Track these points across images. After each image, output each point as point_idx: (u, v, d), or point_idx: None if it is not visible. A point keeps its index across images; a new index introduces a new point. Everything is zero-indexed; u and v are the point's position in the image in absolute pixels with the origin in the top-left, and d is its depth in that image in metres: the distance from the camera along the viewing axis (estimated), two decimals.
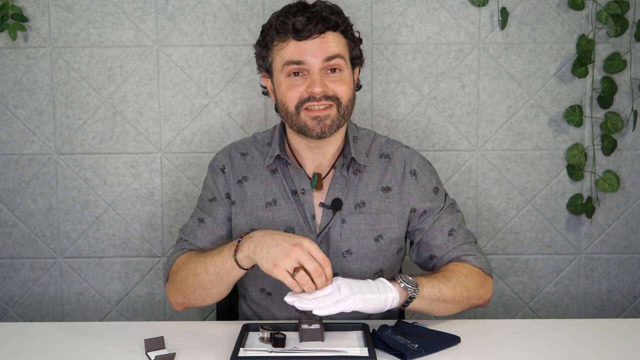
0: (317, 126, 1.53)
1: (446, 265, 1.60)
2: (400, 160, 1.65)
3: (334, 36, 1.54)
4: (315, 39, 1.52)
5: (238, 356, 1.32)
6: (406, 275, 1.45)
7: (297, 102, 1.54)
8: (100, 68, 2.14)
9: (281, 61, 1.55)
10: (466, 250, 1.62)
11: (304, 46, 1.52)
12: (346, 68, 1.56)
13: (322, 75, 1.53)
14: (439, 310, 1.53)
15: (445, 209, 1.64)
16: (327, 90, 1.52)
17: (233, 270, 1.46)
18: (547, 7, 2.12)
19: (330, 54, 1.52)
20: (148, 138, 2.17)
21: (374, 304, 1.39)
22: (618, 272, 2.24)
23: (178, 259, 1.61)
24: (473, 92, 2.15)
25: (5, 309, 2.24)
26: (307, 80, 1.53)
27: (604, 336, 1.46)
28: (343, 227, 1.60)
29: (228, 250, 1.46)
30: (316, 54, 1.52)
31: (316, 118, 1.53)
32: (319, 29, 1.52)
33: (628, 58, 2.12)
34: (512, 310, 2.25)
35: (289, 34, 1.52)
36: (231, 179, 1.66)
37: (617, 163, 2.18)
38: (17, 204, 2.19)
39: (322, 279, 1.35)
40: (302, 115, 1.54)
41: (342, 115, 1.55)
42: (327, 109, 1.53)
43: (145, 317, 2.24)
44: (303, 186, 1.60)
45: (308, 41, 1.52)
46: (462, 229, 1.65)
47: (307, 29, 1.51)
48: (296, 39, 1.52)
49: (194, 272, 1.52)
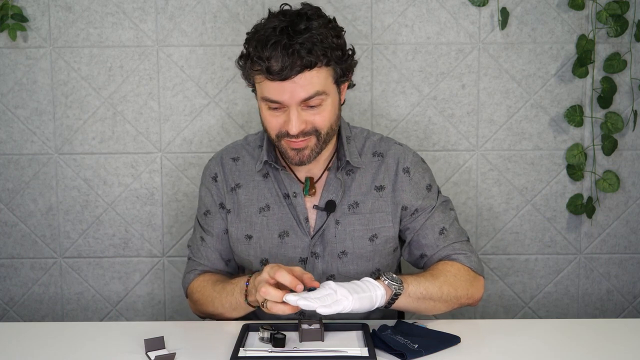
0: (296, 156, 1.53)
1: (435, 264, 1.60)
2: (393, 158, 1.64)
3: (314, 73, 1.44)
4: (292, 78, 1.42)
5: (238, 356, 1.32)
6: (390, 273, 1.45)
7: (276, 132, 1.51)
8: (100, 68, 2.14)
9: (259, 92, 1.49)
10: (457, 249, 1.61)
11: (280, 87, 1.44)
12: (328, 98, 1.49)
13: (301, 109, 1.47)
14: (427, 309, 1.52)
15: (437, 207, 1.63)
16: (305, 127, 1.48)
17: (249, 307, 1.53)
18: (547, 7, 2.12)
19: (308, 94, 1.45)
20: (148, 138, 2.17)
21: (367, 302, 1.38)
22: (618, 272, 2.24)
23: (193, 282, 1.67)
24: (473, 92, 2.15)
25: (5, 309, 2.24)
26: (285, 114, 1.48)
27: (604, 336, 1.46)
28: (337, 228, 1.60)
29: (239, 292, 1.52)
30: (293, 94, 1.44)
31: (295, 149, 1.52)
32: (296, 70, 1.41)
33: (628, 58, 2.12)
34: (512, 310, 2.25)
35: (263, 73, 1.44)
36: (224, 188, 1.66)
37: (617, 163, 2.18)
38: (17, 204, 2.19)
39: (272, 294, 1.35)
40: (282, 144, 1.53)
41: (323, 141, 1.53)
42: (306, 141, 1.51)
43: (145, 317, 2.24)
44: (295, 189, 1.60)
45: (284, 82, 1.43)
46: (454, 227, 1.63)
47: (282, 72, 1.41)
48: (271, 80, 1.44)
49: (211, 303, 1.59)
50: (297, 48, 1.41)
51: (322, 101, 1.48)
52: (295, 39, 1.41)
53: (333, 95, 1.51)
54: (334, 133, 1.56)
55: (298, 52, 1.41)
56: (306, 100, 1.45)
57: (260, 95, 1.50)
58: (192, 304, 1.69)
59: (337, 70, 1.49)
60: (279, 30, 1.43)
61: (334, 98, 1.51)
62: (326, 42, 1.44)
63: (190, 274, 1.69)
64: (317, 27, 1.44)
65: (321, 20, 1.47)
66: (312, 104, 1.47)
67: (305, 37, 1.42)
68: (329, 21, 1.50)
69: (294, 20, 1.45)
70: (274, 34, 1.43)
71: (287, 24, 1.44)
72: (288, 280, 1.35)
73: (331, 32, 1.47)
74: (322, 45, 1.43)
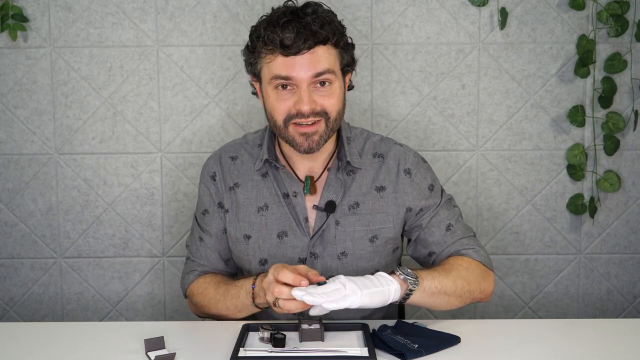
0: (304, 142, 1.52)
1: (445, 259, 1.59)
2: (394, 159, 1.64)
3: (324, 50, 1.49)
4: (304, 54, 1.47)
5: (238, 356, 1.32)
6: (405, 267, 1.44)
7: (285, 116, 1.51)
8: (100, 68, 2.14)
9: (269, 73, 1.51)
10: (465, 244, 1.60)
11: (292, 61, 1.47)
12: (336, 80, 1.52)
13: (311, 89, 1.50)
14: (441, 304, 1.51)
15: (442, 205, 1.63)
16: (315, 107, 1.50)
17: (255, 309, 1.54)
18: (547, 7, 2.12)
19: (319, 70, 1.48)
20: (148, 138, 2.17)
21: (378, 297, 1.37)
22: (618, 272, 2.24)
23: (193, 284, 1.67)
24: (473, 92, 2.15)
25: (5, 309, 2.24)
26: (295, 95, 1.50)
27: (604, 336, 1.46)
28: (337, 229, 1.59)
29: (245, 295, 1.52)
30: (305, 69, 1.48)
31: (304, 134, 1.52)
32: (308, 44, 1.47)
33: (628, 58, 2.12)
34: (512, 310, 2.25)
35: (276, 48, 1.48)
36: (222, 187, 1.66)
37: (617, 163, 2.18)
38: (17, 204, 2.19)
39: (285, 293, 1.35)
40: (290, 130, 1.52)
41: (331, 128, 1.54)
42: (315, 125, 1.51)
43: (145, 317, 2.24)
44: (294, 189, 1.59)
45: (296, 57, 1.47)
46: (459, 224, 1.63)
47: (295, 45, 1.46)
48: (284, 55, 1.48)
49: (215, 306, 1.59)
50: (309, 22, 1.47)
51: (332, 80, 1.51)
52: (305, 16, 1.49)
53: (340, 81, 1.54)
54: (339, 122, 1.57)
55: (310, 27, 1.47)
56: (318, 75, 1.49)
57: (270, 76, 1.51)
58: (192, 306, 1.69)
59: (344, 57, 1.54)
60: (289, 12, 1.50)
61: (340, 84, 1.54)
62: (334, 24, 1.52)
63: (189, 275, 1.68)
64: (323, 11, 1.52)
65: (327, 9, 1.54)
66: (323, 80, 1.50)
67: (315, 15, 1.49)
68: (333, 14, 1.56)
69: (302, 7, 1.52)
70: (284, 15, 1.49)
71: (294, 8, 1.52)
72: (290, 279, 1.34)
73: (336, 19, 1.54)
74: (331, 25, 1.50)
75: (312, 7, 1.52)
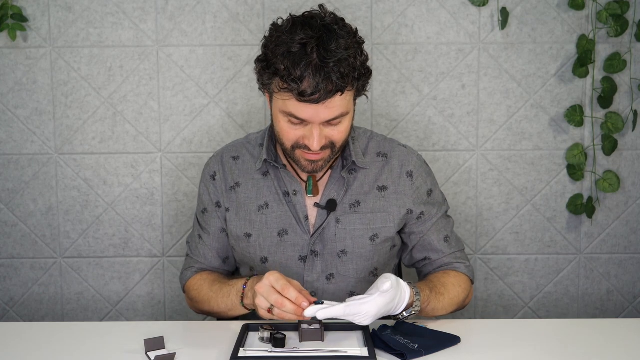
0: (309, 166, 1.53)
1: (446, 277, 1.62)
2: (397, 160, 1.65)
3: (342, 97, 1.44)
4: (321, 102, 1.41)
5: (238, 356, 1.32)
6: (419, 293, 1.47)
7: (292, 143, 1.51)
8: (100, 68, 2.14)
9: (282, 106, 1.46)
10: (459, 257, 1.68)
11: (308, 107, 1.42)
12: (348, 115, 1.50)
13: (322, 127, 1.47)
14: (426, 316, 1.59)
15: (442, 214, 1.68)
16: (324, 143, 1.49)
17: (243, 310, 1.54)
18: (547, 7, 2.12)
19: (333, 116, 1.45)
20: (148, 138, 2.17)
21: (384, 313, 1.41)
22: (618, 272, 2.24)
23: (190, 280, 1.70)
24: (473, 92, 2.15)
25: (5, 309, 2.24)
26: (306, 130, 1.47)
27: (604, 336, 1.46)
28: (338, 227, 1.60)
29: (235, 295, 1.53)
30: (320, 116, 1.44)
31: (309, 160, 1.52)
32: (328, 96, 1.40)
33: (628, 58, 2.12)
34: (512, 310, 2.25)
35: (293, 94, 1.41)
36: (222, 187, 1.66)
37: (617, 163, 2.18)
38: (17, 204, 2.19)
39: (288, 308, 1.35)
40: (296, 153, 1.52)
41: (336, 152, 1.54)
42: (322, 154, 1.52)
43: (145, 317, 2.24)
44: (295, 187, 1.60)
45: (312, 105, 1.42)
46: (454, 236, 1.71)
47: (312, 97, 1.39)
48: (299, 101, 1.42)
49: (207, 303, 1.62)
50: (329, 72, 1.38)
51: (344, 119, 1.49)
52: (327, 60, 1.38)
53: (351, 112, 1.53)
54: (345, 144, 1.58)
55: (330, 77, 1.39)
56: (331, 120, 1.46)
57: (281, 109, 1.47)
58: (189, 301, 1.72)
59: (359, 89, 1.49)
60: (310, 49, 1.39)
61: (352, 114, 1.53)
62: (356, 66, 1.43)
63: (187, 271, 1.71)
64: (345, 46, 1.41)
65: (348, 38, 1.43)
66: (334, 123, 1.48)
67: (337, 59, 1.39)
68: (354, 35, 1.47)
69: (323, 37, 1.41)
70: (304, 52, 1.39)
71: (316, 41, 1.40)
72: (294, 297, 1.36)
73: (357, 50, 1.45)
74: (352, 70, 1.42)
75: (335, 41, 1.41)
